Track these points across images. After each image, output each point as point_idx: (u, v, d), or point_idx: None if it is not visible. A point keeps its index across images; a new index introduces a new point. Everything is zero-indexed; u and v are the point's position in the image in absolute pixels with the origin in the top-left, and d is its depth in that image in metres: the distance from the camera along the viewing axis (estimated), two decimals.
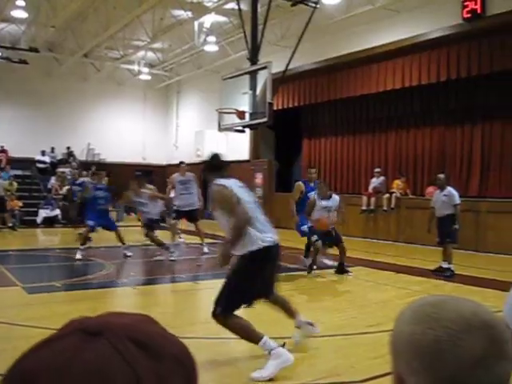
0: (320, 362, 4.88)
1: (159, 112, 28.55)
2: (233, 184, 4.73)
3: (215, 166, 5.03)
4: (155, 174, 24.82)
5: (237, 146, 21.84)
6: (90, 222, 11.50)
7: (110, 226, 11.98)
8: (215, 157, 5.14)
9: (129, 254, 11.50)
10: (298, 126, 21.45)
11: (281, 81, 13.92)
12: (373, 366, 4.53)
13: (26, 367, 0.57)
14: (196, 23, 19.05)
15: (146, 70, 24.59)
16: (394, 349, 0.93)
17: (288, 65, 13.38)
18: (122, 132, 26.31)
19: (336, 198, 9.79)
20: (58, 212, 20.11)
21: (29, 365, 0.57)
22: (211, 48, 20.24)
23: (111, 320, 0.62)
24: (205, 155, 21.30)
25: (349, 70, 17.14)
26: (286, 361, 4.41)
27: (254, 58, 13.26)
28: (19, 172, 23.02)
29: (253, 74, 12.64)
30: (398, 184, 16.36)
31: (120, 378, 0.55)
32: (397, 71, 15.78)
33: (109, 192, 12.06)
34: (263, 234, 4.59)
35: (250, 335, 4.45)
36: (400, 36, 15.04)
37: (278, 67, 13.17)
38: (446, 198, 9.83)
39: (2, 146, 23.08)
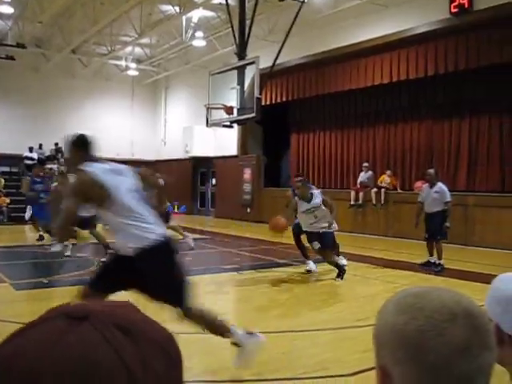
0: (308, 356, 4.88)
1: (147, 108, 28.42)
2: (100, 168, 3.97)
3: (80, 146, 4.14)
4: None
5: (225, 142, 21.83)
6: (41, 222, 11.31)
7: (46, 220, 11.21)
8: (80, 137, 4.20)
9: (53, 249, 10.67)
10: (286, 121, 21.44)
11: (269, 76, 13.91)
12: (361, 359, 4.54)
13: (4, 354, 0.56)
14: (184, 18, 18.98)
15: (133, 65, 24.47)
16: (378, 341, 0.93)
17: (276, 60, 13.38)
18: (110, 128, 26.08)
19: (316, 194, 8.89)
20: None
21: (7, 351, 0.56)
22: (199, 43, 20.19)
23: (95, 306, 0.61)
24: (193, 151, 21.11)
25: (337, 64, 17.15)
26: (258, 341, 4.23)
27: (241, 53, 13.25)
28: (7, 169, 22.91)
29: (241, 69, 12.64)
30: (384, 178, 16.39)
31: (105, 363, 0.54)
32: (385, 66, 15.80)
33: (46, 183, 11.72)
34: (150, 226, 3.98)
35: (218, 327, 4.15)
36: (388, 31, 15.07)
37: (265, 62, 13.16)
38: (437, 194, 9.73)
39: None
